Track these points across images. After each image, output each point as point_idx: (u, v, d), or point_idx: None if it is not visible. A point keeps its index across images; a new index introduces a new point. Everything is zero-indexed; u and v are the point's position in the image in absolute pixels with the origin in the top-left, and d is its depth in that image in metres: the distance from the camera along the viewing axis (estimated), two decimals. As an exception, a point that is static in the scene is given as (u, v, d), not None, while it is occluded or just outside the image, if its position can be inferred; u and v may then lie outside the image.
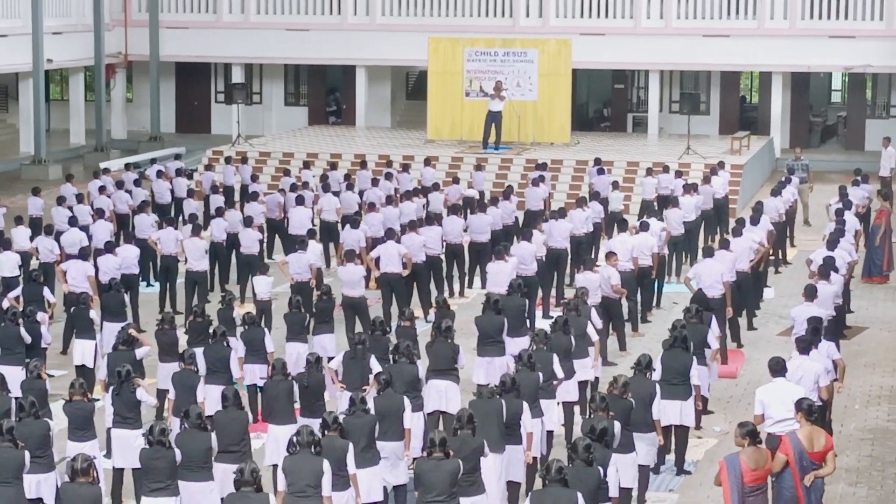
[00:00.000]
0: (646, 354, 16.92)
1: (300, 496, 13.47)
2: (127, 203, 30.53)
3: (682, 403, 17.34)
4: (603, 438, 13.99)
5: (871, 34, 43.02)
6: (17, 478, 14.13)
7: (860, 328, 24.86)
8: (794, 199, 31.13)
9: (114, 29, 47.43)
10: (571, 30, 43.38)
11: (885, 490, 17.20)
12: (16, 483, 14.10)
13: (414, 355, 17.28)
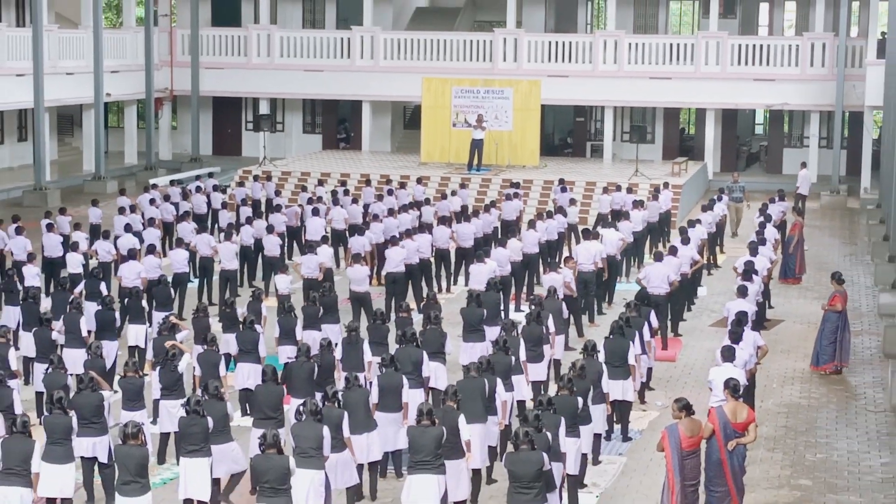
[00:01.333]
0: (590, 340, 17.04)
1: (304, 456, 13.53)
2: (172, 213, 30.51)
3: (624, 382, 17.45)
4: (551, 406, 14.09)
5: (788, 77, 43.08)
6: (66, 438, 14.23)
7: (777, 321, 24.95)
8: (723, 214, 31.22)
9: (161, 68, 47.35)
10: (540, 72, 43.38)
11: (797, 455, 17.26)
12: (65, 443, 14.22)
13: (418, 340, 17.34)
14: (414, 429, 13.67)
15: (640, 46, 44.04)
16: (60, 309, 19.87)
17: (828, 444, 17.72)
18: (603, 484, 15.98)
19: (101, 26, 42.50)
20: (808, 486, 16.03)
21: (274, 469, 12.68)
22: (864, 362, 22.13)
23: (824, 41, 43.08)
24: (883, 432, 18.21)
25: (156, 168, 45.81)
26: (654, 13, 48.08)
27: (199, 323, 18.99)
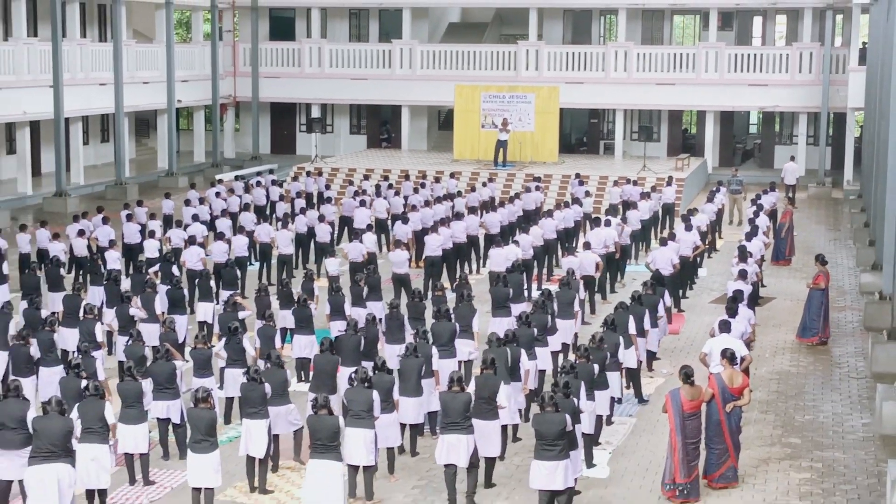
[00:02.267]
0: (610, 314, 17.02)
1: (357, 418, 13.57)
2: (236, 205, 30.60)
3: (625, 351, 17.40)
4: (574, 371, 14.09)
5: (779, 83, 42.84)
6: (138, 402, 14.33)
7: (770, 298, 24.85)
8: (722, 204, 31.06)
9: (226, 78, 47.48)
10: (559, 79, 43.28)
11: (787, 416, 17.21)
12: (137, 406, 14.36)
13: (451, 316, 17.35)
14: (446, 394, 13.70)
15: (647, 56, 43.86)
16: (138, 289, 19.99)
17: (814, 407, 17.67)
18: (615, 442, 15.98)
19: (173, 41, 42.69)
20: (797, 444, 15.99)
21: (325, 428, 12.71)
22: (846, 335, 22.05)
23: (811, 50, 42.84)
24: (864, 396, 18.15)
25: (221, 165, 46.00)
26: (659, 26, 47.88)
27: (261, 301, 19.07)
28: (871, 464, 15.21)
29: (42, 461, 12.26)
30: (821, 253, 22.83)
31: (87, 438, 13.16)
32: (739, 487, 14.32)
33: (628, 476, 14.74)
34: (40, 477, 12.19)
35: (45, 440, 12.30)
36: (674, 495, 13.84)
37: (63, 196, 36.21)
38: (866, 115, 37.21)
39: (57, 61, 35.92)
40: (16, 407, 13.04)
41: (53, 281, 22.13)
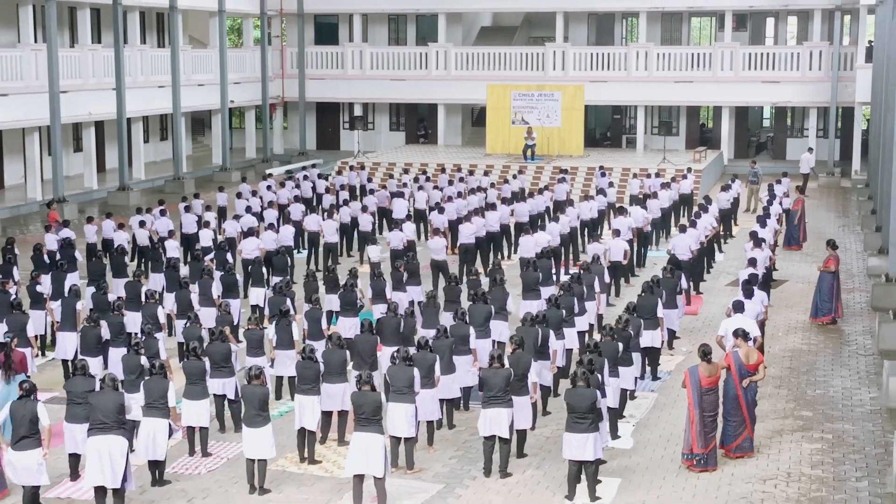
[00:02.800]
0: (632, 301, 17.00)
1: (399, 393, 13.64)
2: (285, 197, 30.70)
3: (652, 332, 17.36)
4: (597, 350, 14.23)
5: (790, 80, 42.55)
6: (201, 379, 14.46)
7: (783, 281, 24.71)
8: (737, 194, 30.83)
9: (275, 80, 47.64)
10: (584, 78, 43.13)
11: (799, 391, 17.13)
12: (200, 383, 14.52)
13: (487, 298, 17.37)
14: (487, 370, 13.74)
15: (666, 56, 43.65)
16: (195, 275, 20.12)
17: (825, 382, 17.57)
18: (638, 415, 15.96)
19: (226, 46, 42.87)
20: (808, 417, 15.92)
21: (368, 403, 12.75)
22: (855, 314, 21.89)
23: (821, 49, 42.51)
24: (871, 372, 18.03)
25: (270, 160, 46.13)
26: (678, 28, 47.61)
27: (309, 286, 19.13)
28: (878, 435, 15.13)
29: (97, 433, 12.40)
30: (832, 238, 22.69)
31: (149, 413, 13.30)
32: (755, 457, 14.28)
33: (650, 447, 14.72)
34: (96, 447, 12.33)
35: (99, 413, 12.44)
36: (692, 464, 13.83)
37: (126, 190, 36.45)
38: (873, 109, 36.93)
39: (119, 66, 36.14)
40: (83, 384, 13.25)
41: (117, 268, 22.30)
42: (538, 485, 13.41)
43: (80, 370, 13.41)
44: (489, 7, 47.88)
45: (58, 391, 16.53)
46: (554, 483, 13.37)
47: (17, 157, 36.81)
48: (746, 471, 13.87)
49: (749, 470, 13.89)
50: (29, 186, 35.22)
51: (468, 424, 15.42)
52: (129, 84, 37.24)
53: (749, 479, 13.62)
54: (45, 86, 32.93)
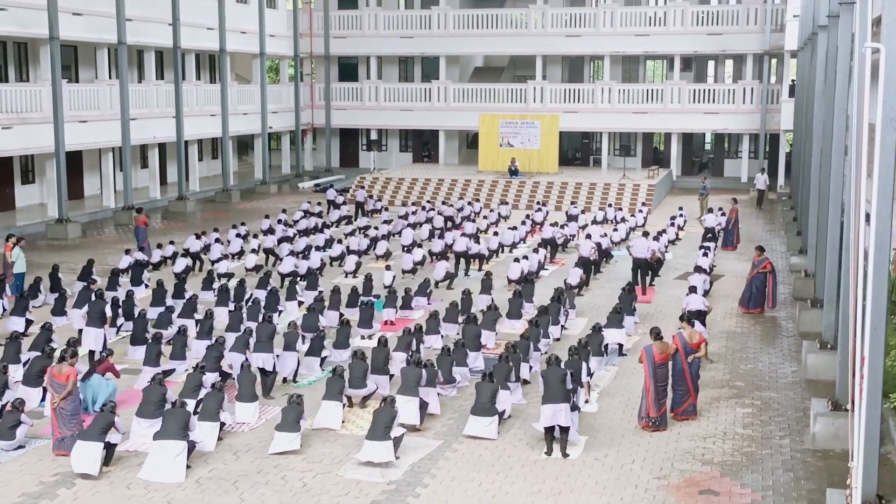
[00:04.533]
0: (598, 322, 17.12)
1: (408, 389, 13.83)
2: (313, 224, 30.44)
3: (619, 330, 17.56)
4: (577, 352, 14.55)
5: (728, 111, 42.57)
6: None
7: (720, 276, 24.68)
8: (684, 222, 30.40)
9: (306, 109, 47.62)
10: (559, 109, 43.14)
11: (733, 365, 17.12)
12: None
13: (477, 319, 17.49)
14: (546, 370, 13.26)
15: (626, 91, 43.62)
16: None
17: (755, 358, 17.56)
18: (602, 384, 15.93)
19: (266, 82, 42.85)
20: (741, 386, 15.91)
21: (412, 375, 13.49)
22: (779, 303, 21.84)
23: (752, 86, 42.52)
24: (793, 350, 18.02)
25: (302, 175, 46.15)
26: (635, 68, 47.60)
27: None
28: (798, 401, 15.12)
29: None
30: (760, 244, 22.60)
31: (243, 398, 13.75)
32: (698, 420, 14.26)
33: (612, 411, 14.71)
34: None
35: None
36: (647, 426, 13.81)
37: (183, 200, 36.42)
38: (795, 135, 36.93)
39: (178, 98, 36.12)
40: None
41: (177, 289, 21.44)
42: (520, 441, 13.40)
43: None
44: (481, 51, 47.88)
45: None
46: (533, 440, 13.37)
47: (95, 173, 36.79)
48: (690, 430, 13.86)
49: (693, 430, 13.89)
50: (104, 196, 35.22)
51: (462, 392, 15.41)
52: (187, 113, 37.23)
53: (693, 437, 13.61)
54: (118, 114, 32.94)
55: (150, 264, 24.61)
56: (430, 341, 17.38)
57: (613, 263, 26.15)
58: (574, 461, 12.69)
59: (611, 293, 22.21)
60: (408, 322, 19.33)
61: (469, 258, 24.77)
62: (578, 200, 36.62)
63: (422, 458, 12.81)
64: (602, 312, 19.79)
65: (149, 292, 21.52)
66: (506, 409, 13.96)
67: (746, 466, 12.59)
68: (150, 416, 13.07)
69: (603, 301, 21.58)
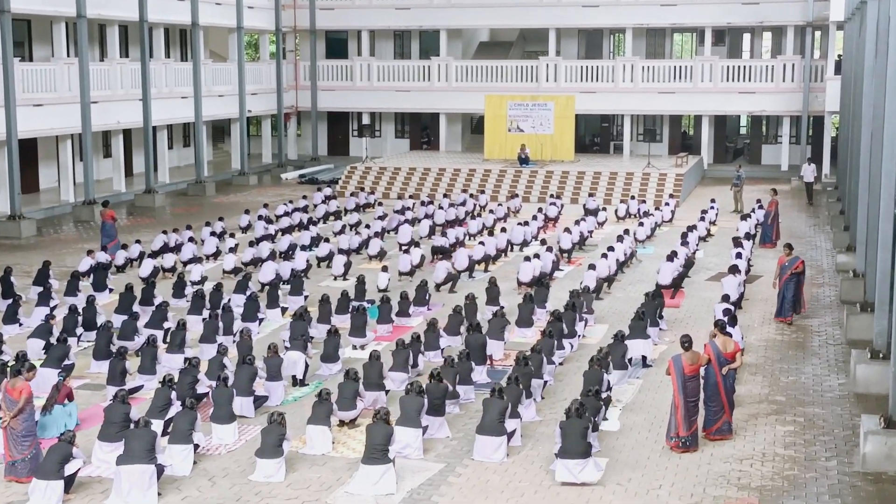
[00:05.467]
0: (621, 330, 17.21)
1: (408, 419, 13.85)
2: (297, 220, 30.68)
3: (643, 342, 17.66)
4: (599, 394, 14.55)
5: (765, 90, 42.57)
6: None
7: (757, 276, 24.65)
8: (756, 222, 29.45)
9: (289, 91, 47.64)
10: (575, 90, 43.14)
11: (773, 378, 17.11)
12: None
13: (482, 328, 17.54)
14: (564, 422, 13.10)
15: (650, 68, 43.65)
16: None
17: (797, 369, 17.55)
18: (625, 399, 15.92)
19: (244, 60, 42.89)
20: (782, 401, 15.90)
21: (412, 402, 13.41)
22: (824, 307, 21.85)
23: (793, 62, 42.53)
24: (840, 360, 18.01)
25: (285, 166, 46.20)
26: (661, 43, 47.60)
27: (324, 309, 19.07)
28: (846, 418, 15.11)
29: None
30: (788, 242, 22.39)
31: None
32: (733, 439, 14.26)
33: (636, 429, 14.70)
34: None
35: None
36: (676, 445, 13.81)
37: (151, 193, 36.46)
38: (841, 117, 36.89)
39: (145, 78, 36.15)
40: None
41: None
42: (532, 464, 13.40)
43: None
44: (487, 24, 47.89)
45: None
46: (547, 462, 13.36)
47: (52, 163, 36.80)
48: (725, 451, 13.86)
49: (727, 451, 13.88)
50: (62, 190, 35.25)
51: (466, 409, 15.42)
52: (155, 95, 37.24)
53: (727, 458, 13.61)
54: (77, 97, 32.96)
55: (114, 266, 24.62)
56: (430, 356, 17.38)
57: (637, 264, 26.14)
58: (594, 487, 12.69)
59: (634, 296, 22.21)
60: (404, 331, 19.34)
61: (474, 263, 24.82)
62: (597, 192, 36.60)
63: (422, 483, 12.81)
64: (624, 319, 19.78)
65: (113, 297, 21.56)
66: (516, 430, 13.96)
67: (788, 492, 12.58)
68: (113, 438, 13.06)
69: (625, 306, 21.58)
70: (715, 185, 40.20)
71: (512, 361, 16.25)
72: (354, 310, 18.77)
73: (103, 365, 16.57)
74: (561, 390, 16.22)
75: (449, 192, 36.67)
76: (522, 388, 14.60)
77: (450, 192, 36.76)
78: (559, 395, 15.95)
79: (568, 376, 16.97)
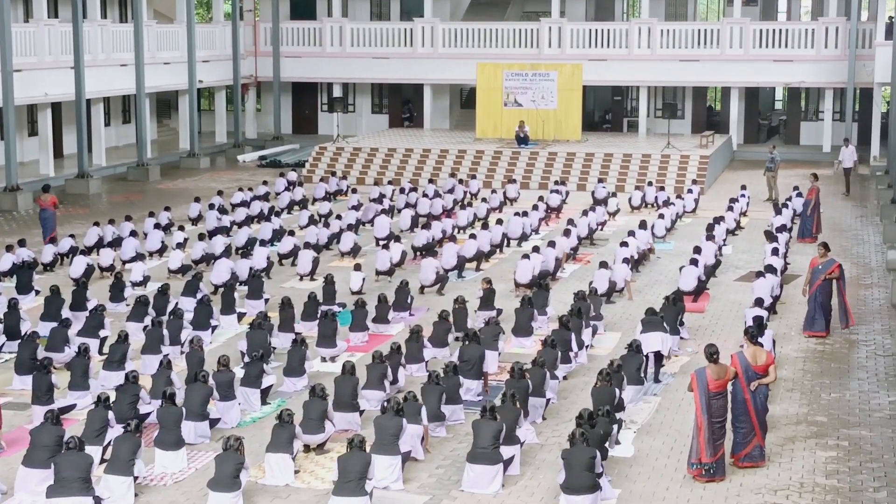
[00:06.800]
0: (636, 340, 17.38)
1: (384, 444, 13.93)
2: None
3: (662, 335, 17.63)
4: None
5: (804, 58, 42.71)
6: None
7: (795, 276, 24.69)
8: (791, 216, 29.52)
9: (247, 58, 47.61)
10: (582, 57, 43.21)
11: (813, 394, 17.18)
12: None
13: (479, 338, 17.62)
14: (567, 451, 13.18)
15: (670, 32, 43.77)
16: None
17: (841, 385, 17.63)
18: (640, 421, 15.97)
19: (194, 21, 42.79)
20: (823, 423, 15.97)
21: (388, 426, 13.26)
22: (873, 312, 21.96)
23: (837, 25, 42.68)
24: (890, 374, 18.11)
25: (243, 146, 46.19)
26: (683, 2, 47.69)
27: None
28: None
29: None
30: (825, 241, 22.32)
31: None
32: (766, 466, 14.32)
33: (653, 455, 14.76)
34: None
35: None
36: (700, 474, 13.85)
37: (85, 178, 36.39)
38: (893, 90, 37.07)
39: (78, 43, 36.04)
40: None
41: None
42: (532, 496, 13.44)
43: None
44: (479, -21, 48.00)
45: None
46: (549, 494, 13.41)
47: (-33, 142, 36.67)
48: (756, 481, 13.92)
49: (759, 480, 13.94)
50: (-21, 174, 35.13)
51: (454, 431, 15.44)
52: (89, 63, 37.14)
53: (759, 489, 13.67)
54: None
55: (40, 265, 24.57)
56: (412, 370, 17.40)
57: (656, 261, 26.21)
58: (603, 522, 12.74)
59: (651, 300, 22.25)
60: (381, 340, 19.35)
61: (465, 261, 24.85)
62: (608, 178, 36.69)
63: (402, 519, 12.85)
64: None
65: (39, 301, 21.52)
66: (514, 456, 14.00)
67: (830, 528, 12.65)
68: (43, 465, 13.06)
69: (640, 311, 21.55)
70: (746, 170, 40.33)
71: (507, 375, 16.26)
72: (323, 315, 18.78)
73: (27, 380, 16.53)
74: (566, 409, 16.27)
75: (435, 178, 36.69)
76: (520, 406, 14.61)
77: (436, 178, 36.78)
78: (563, 416, 16.00)
79: (574, 393, 17.03)
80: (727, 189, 35.47)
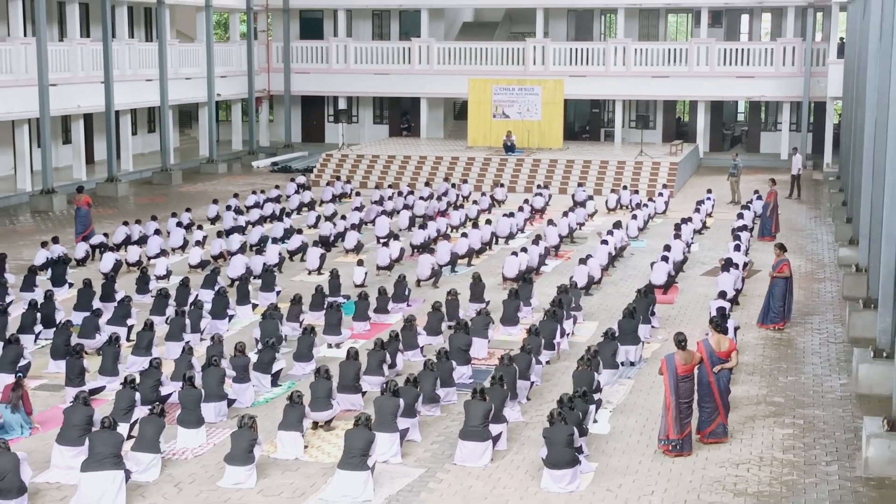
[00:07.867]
0: (611, 328, 17.30)
1: (383, 423, 13.83)
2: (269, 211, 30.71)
3: (634, 348, 17.76)
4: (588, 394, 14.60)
5: (764, 75, 42.70)
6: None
7: (756, 271, 24.72)
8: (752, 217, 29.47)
9: (261, 73, 47.51)
10: (563, 73, 43.16)
11: (771, 378, 17.19)
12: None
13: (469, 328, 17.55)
14: (548, 429, 13.11)
15: (643, 51, 43.71)
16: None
17: (796, 369, 17.64)
18: (615, 401, 15.97)
19: (213, 40, 42.74)
20: (780, 403, 15.98)
21: (388, 405, 13.36)
22: (826, 303, 21.98)
23: (794, 45, 42.69)
24: (841, 359, 18.11)
25: (256, 153, 46.10)
26: (655, 24, 47.67)
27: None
28: (848, 420, 15.20)
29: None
30: (781, 242, 22.19)
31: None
32: (729, 442, 14.32)
33: (627, 432, 14.75)
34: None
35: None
36: (668, 450, 13.86)
37: (114, 182, 36.31)
38: (844, 103, 37.05)
39: (107, 59, 35.96)
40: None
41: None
42: (517, 469, 13.43)
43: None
44: (471, 3, 47.89)
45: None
46: (532, 468, 13.40)
47: (7, 150, 36.62)
48: (720, 455, 13.92)
49: (723, 454, 13.95)
50: (18, 178, 35.07)
51: (448, 411, 15.43)
52: (118, 77, 37.08)
53: (723, 463, 13.67)
54: (35, 79, 32.75)
55: (74, 260, 24.52)
56: (409, 355, 17.39)
57: (629, 257, 26.22)
58: (582, 493, 12.73)
59: (625, 292, 22.27)
60: (382, 328, 19.35)
61: (457, 257, 24.79)
62: (587, 182, 36.69)
63: (400, 489, 12.83)
64: (615, 315, 19.85)
65: (73, 293, 21.49)
66: (502, 433, 13.98)
67: (787, 498, 12.65)
68: (75, 442, 13.03)
69: (616, 302, 21.65)
70: (711, 175, 40.33)
71: (496, 361, 16.25)
72: (329, 306, 18.79)
73: (61, 364, 16.52)
74: (548, 391, 16.26)
75: (430, 182, 36.65)
76: (507, 389, 14.62)
77: (431, 182, 36.74)
78: (546, 397, 15.99)
79: (556, 376, 17.02)
80: (694, 192, 35.48)
